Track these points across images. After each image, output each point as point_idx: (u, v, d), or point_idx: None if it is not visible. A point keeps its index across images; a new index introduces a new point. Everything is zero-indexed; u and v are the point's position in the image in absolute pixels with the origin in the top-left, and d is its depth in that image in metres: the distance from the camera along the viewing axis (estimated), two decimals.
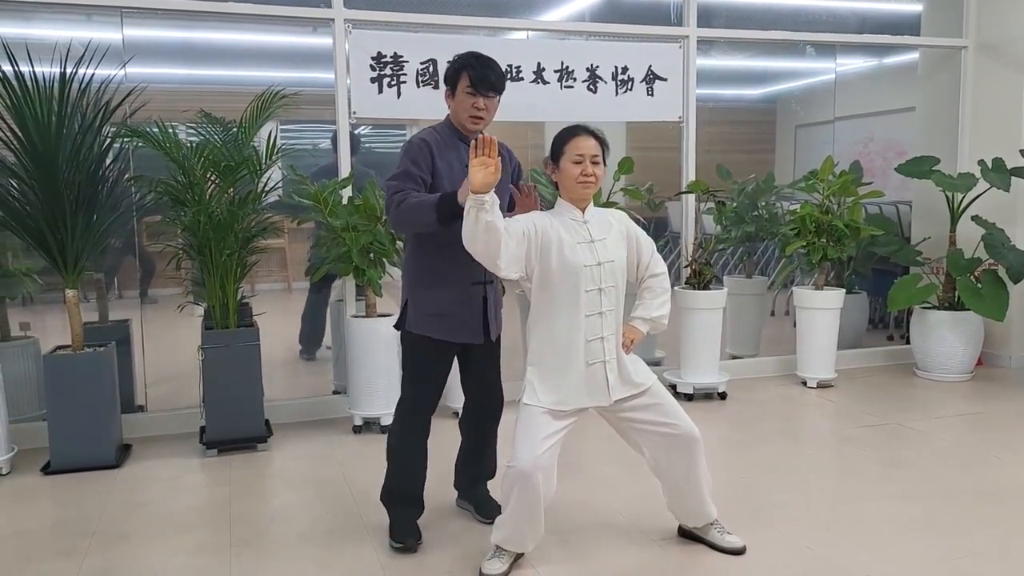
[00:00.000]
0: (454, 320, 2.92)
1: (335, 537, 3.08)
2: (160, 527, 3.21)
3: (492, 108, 2.91)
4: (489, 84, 2.86)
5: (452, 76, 2.90)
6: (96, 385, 3.83)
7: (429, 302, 2.91)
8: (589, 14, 5.53)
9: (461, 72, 2.87)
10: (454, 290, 2.90)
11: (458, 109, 2.90)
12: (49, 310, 4.54)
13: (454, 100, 2.91)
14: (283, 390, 4.85)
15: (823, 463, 3.93)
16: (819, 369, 5.19)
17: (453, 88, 2.90)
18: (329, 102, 4.54)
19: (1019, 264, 5.14)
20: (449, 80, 2.92)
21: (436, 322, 2.91)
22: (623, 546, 2.95)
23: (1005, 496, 3.41)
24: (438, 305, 2.91)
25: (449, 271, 2.88)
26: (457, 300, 2.91)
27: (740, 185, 5.87)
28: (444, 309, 2.91)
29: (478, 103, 2.86)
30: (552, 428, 2.63)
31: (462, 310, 2.92)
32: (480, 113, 2.87)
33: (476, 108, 2.86)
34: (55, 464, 3.80)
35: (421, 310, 2.92)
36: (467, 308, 2.93)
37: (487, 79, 2.85)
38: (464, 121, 2.89)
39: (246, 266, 4.19)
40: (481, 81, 2.84)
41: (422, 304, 2.93)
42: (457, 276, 2.88)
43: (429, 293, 2.92)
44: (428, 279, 2.92)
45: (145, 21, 4.44)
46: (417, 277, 2.95)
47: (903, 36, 6.08)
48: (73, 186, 3.78)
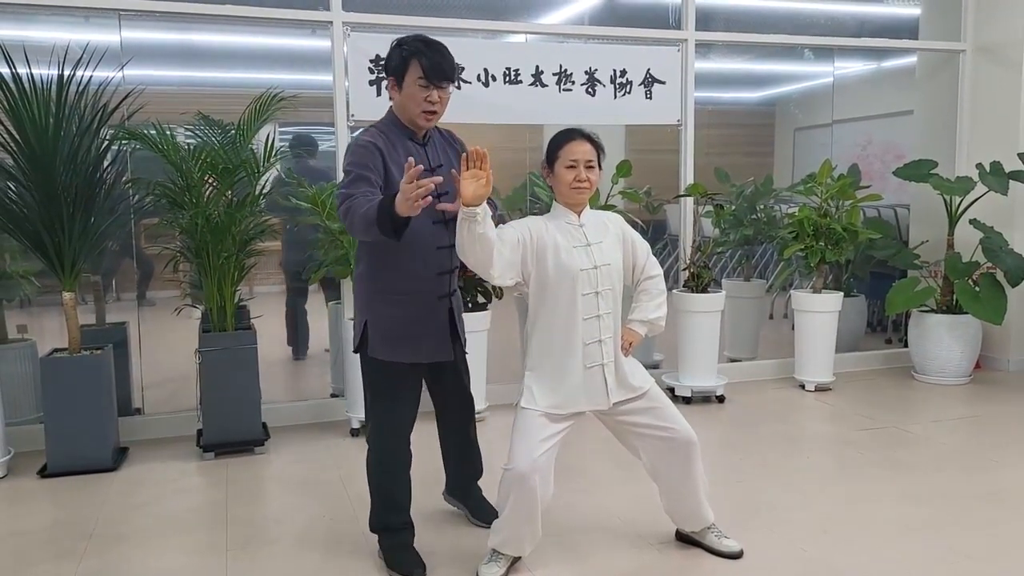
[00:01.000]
0: (421, 341, 2.69)
1: (332, 540, 3.08)
2: (157, 530, 3.20)
3: (445, 101, 2.61)
4: (443, 74, 2.56)
5: (399, 65, 2.57)
6: (93, 388, 3.82)
7: (391, 323, 2.65)
8: (588, 17, 5.53)
9: (410, 60, 2.54)
10: (418, 308, 2.66)
11: (407, 103, 2.58)
12: (46, 312, 4.53)
13: (401, 92, 2.59)
14: (281, 393, 4.85)
15: (821, 466, 3.92)
16: (817, 372, 5.19)
17: (400, 78, 2.57)
18: (328, 104, 4.53)
19: (1017, 268, 5.15)
20: (395, 69, 2.58)
21: (402, 345, 2.66)
22: (620, 550, 2.95)
23: (1003, 499, 3.41)
24: (402, 326, 2.65)
25: (412, 288, 2.65)
26: (423, 319, 2.68)
27: (738, 188, 5.87)
28: (410, 330, 2.66)
29: (431, 96, 2.56)
30: (550, 431, 2.63)
31: (429, 329, 2.70)
32: (434, 107, 2.58)
33: (429, 102, 2.56)
34: (52, 467, 3.79)
35: (383, 333, 2.65)
36: (434, 326, 2.71)
37: (440, 68, 2.55)
38: (415, 117, 2.60)
39: (244, 269, 4.19)
40: (434, 70, 2.53)
41: (383, 325, 2.65)
42: (420, 293, 2.66)
43: (390, 313, 2.65)
44: (389, 297, 2.65)
45: (143, 23, 4.43)
46: (375, 295, 2.67)
47: (901, 40, 6.09)
48: (70, 188, 3.78)
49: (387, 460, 2.79)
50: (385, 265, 2.63)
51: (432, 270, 2.68)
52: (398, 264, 2.62)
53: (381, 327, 2.67)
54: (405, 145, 2.65)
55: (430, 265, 2.67)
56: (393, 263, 2.62)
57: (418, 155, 2.61)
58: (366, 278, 2.70)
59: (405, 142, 2.66)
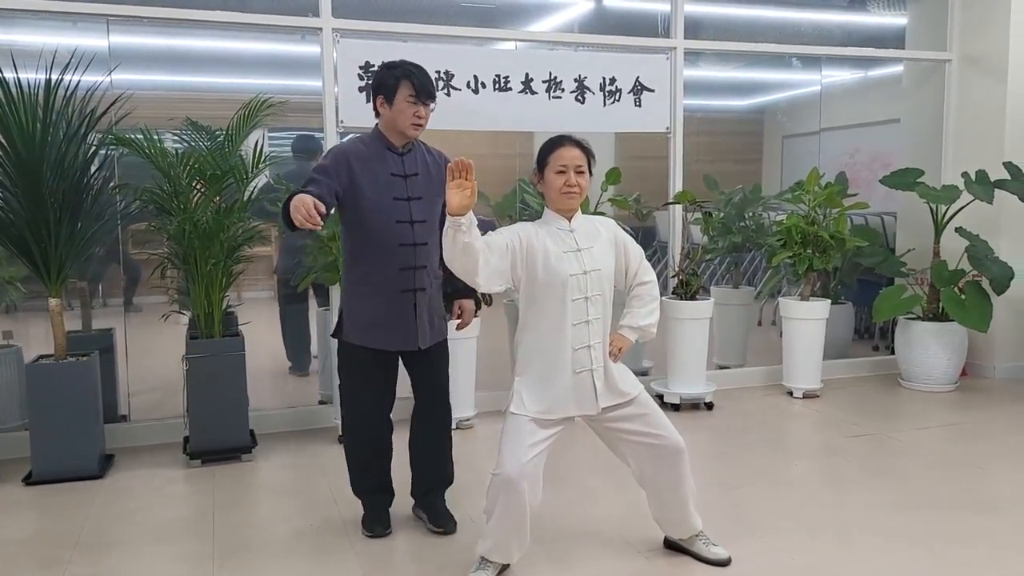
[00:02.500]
0: (385, 329, 2.99)
1: (319, 547, 3.06)
2: (143, 538, 3.17)
3: (428, 116, 3.00)
4: (429, 93, 2.95)
5: (391, 85, 2.94)
6: (79, 395, 3.79)
7: (362, 312, 3.00)
8: (577, 25, 5.55)
9: (401, 81, 2.92)
10: (384, 299, 2.97)
11: (397, 118, 2.95)
12: (32, 318, 4.50)
13: (391, 108, 2.95)
14: (268, 400, 4.83)
15: (809, 473, 3.93)
16: (805, 379, 5.20)
17: (391, 96, 2.94)
18: (317, 110, 4.53)
19: (1002, 276, 5.18)
20: (385, 88, 2.95)
21: (369, 331, 2.99)
22: (609, 557, 2.95)
23: (989, 506, 3.43)
24: (370, 314, 2.98)
25: (380, 280, 2.96)
26: (387, 309, 2.97)
27: (727, 195, 5.89)
28: (376, 318, 2.98)
29: (419, 111, 2.94)
30: (538, 436, 2.63)
31: (393, 319, 2.98)
32: (421, 121, 2.96)
33: (417, 116, 2.94)
34: (37, 474, 3.75)
35: (355, 320, 3.01)
36: (397, 317, 2.99)
37: (427, 89, 2.95)
38: (405, 128, 2.95)
39: (231, 275, 4.17)
40: (424, 91, 2.93)
41: (356, 314, 3.01)
42: (386, 286, 2.96)
43: (361, 303, 3.00)
44: (362, 289, 3.00)
45: (131, 28, 4.42)
46: (351, 287, 3.03)
47: (888, 49, 6.14)
48: (57, 194, 3.75)
49: (353, 436, 3.14)
50: (357, 260, 3.01)
51: (395, 265, 2.97)
52: (367, 259, 2.98)
53: (353, 315, 3.02)
54: (383, 155, 3.00)
55: (393, 261, 2.97)
56: (363, 258, 2.99)
57: (395, 163, 3.01)
58: (345, 271, 3.08)
59: (384, 152, 3.00)
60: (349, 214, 2.98)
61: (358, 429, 3.12)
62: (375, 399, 3.09)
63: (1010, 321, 5.62)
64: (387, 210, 2.94)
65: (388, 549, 3.06)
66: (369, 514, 3.18)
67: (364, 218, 2.95)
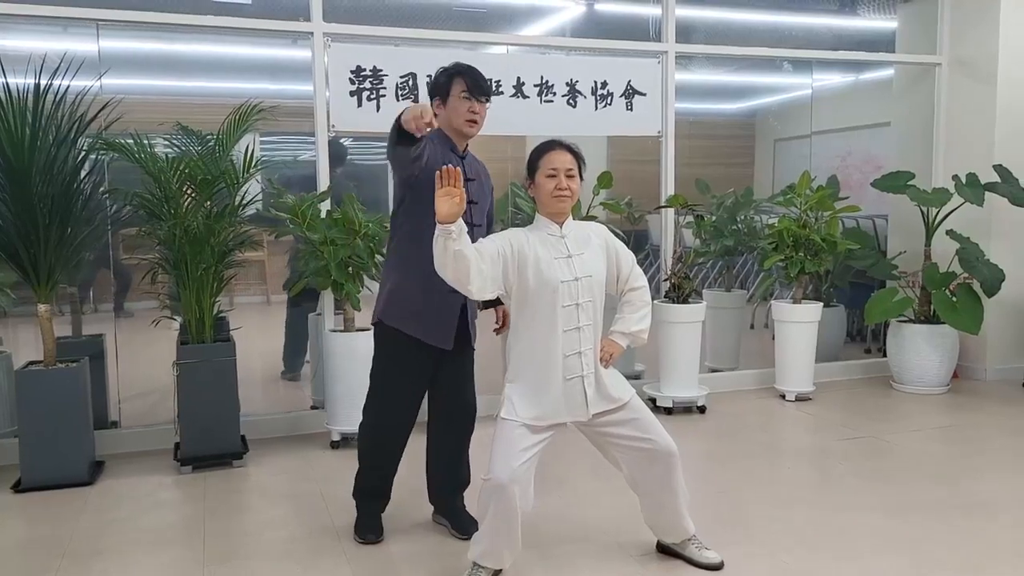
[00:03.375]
0: (429, 321, 2.95)
1: (311, 554, 3.05)
2: (133, 545, 3.15)
3: (484, 113, 2.99)
4: (483, 90, 2.97)
5: (444, 84, 2.97)
6: (68, 401, 3.77)
7: (412, 300, 2.94)
8: (569, 29, 5.56)
9: (454, 79, 2.95)
10: (433, 291, 2.87)
11: (452, 115, 2.95)
12: (22, 324, 4.48)
13: (447, 107, 2.96)
14: (260, 405, 4.81)
15: (801, 477, 3.94)
16: (797, 382, 5.21)
17: (445, 96, 2.97)
18: (308, 114, 4.52)
19: (993, 278, 5.21)
20: (440, 89, 2.98)
21: (413, 319, 2.95)
22: (601, 562, 2.94)
23: (982, 508, 3.44)
24: (420, 303, 2.93)
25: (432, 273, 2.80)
26: (435, 302, 2.93)
27: (719, 199, 5.90)
28: (425, 309, 2.94)
29: (474, 107, 2.95)
30: (529, 441, 2.62)
31: (439, 314, 2.95)
32: (476, 117, 2.95)
33: (472, 112, 2.94)
34: (26, 482, 3.73)
35: (402, 306, 2.97)
36: (446, 314, 2.96)
37: (480, 85, 2.97)
38: (460, 126, 2.95)
39: (222, 280, 4.15)
40: (476, 86, 2.95)
41: (401, 295, 2.96)
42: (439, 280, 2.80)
43: (411, 286, 2.94)
44: (414, 273, 2.91)
45: (122, 33, 4.41)
46: (402, 271, 2.97)
47: (878, 52, 6.16)
48: (47, 199, 3.73)
49: (375, 430, 3.07)
50: (417, 244, 2.85)
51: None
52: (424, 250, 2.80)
53: (398, 296, 2.98)
54: (447, 154, 2.97)
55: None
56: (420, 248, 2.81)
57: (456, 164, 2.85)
58: (397, 254, 3.02)
59: (447, 151, 2.98)
60: (420, 196, 2.82)
61: (385, 419, 3.04)
62: (407, 394, 3.04)
63: (1001, 323, 5.65)
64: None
65: (381, 555, 3.04)
66: (363, 519, 3.16)
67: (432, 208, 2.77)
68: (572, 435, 2.85)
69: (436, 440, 3.18)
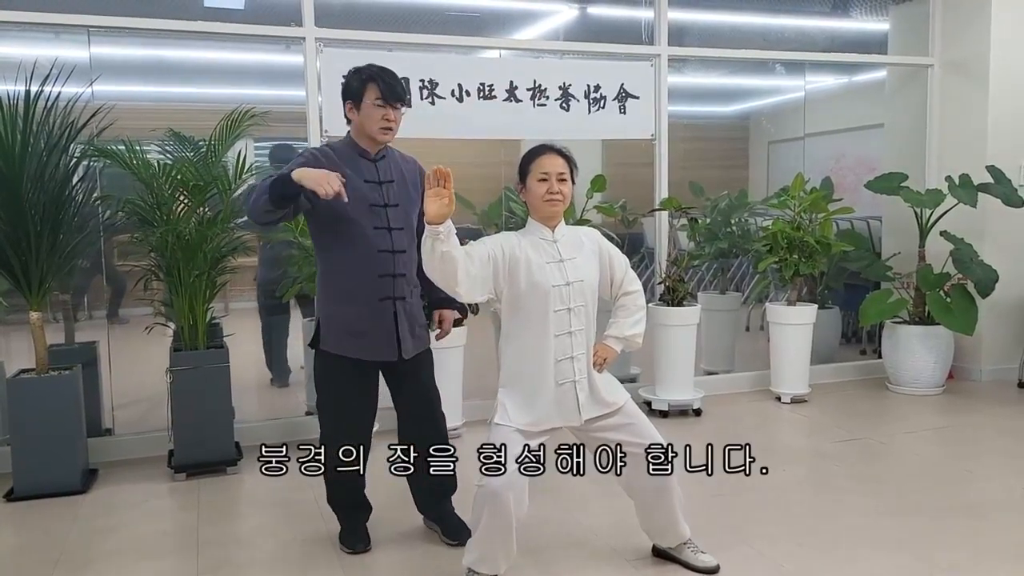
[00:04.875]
0: (366, 338, 2.91)
1: (305, 561, 3.04)
2: (127, 553, 3.14)
3: (399, 120, 2.93)
4: (397, 96, 2.89)
5: (357, 89, 2.88)
6: (61, 409, 3.75)
7: (341, 320, 2.91)
8: (562, 33, 5.56)
9: (368, 84, 2.86)
10: (363, 307, 2.89)
11: (365, 122, 2.88)
12: (14, 332, 4.46)
13: (360, 113, 2.89)
14: (254, 411, 4.79)
15: (797, 479, 3.93)
16: (793, 384, 5.21)
17: (358, 101, 2.88)
18: (301, 120, 4.51)
19: (987, 279, 5.21)
20: (353, 93, 2.90)
21: (349, 340, 2.91)
22: (597, 566, 2.93)
23: (978, 509, 3.43)
24: (349, 323, 2.90)
25: (356, 288, 2.88)
26: (367, 317, 2.90)
27: (713, 201, 5.91)
28: (355, 327, 2.90)
29: (388, 114, 2.88)
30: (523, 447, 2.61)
31: (373, 328, 2.91)
32: (390, 124, 2.89)
33: (387, 119, 2.88)
34: (19, 490, 3.71)
35: (334, 329, 2.93)
36: (378, 325, 2.91)
37: (395, 91, 2.88)
38: (374, 133, 2.88)
39: (215, 286, 4.14)
40: (390, 93, 2.86)
41: (335, 322, 2.93)
42: (365, 293, 2.88)
43: (340, 310, 2.92)
44: (338, 296, 2.92)
45: (113, 39, 4.39)
46: (328, 295, 2.95)
47: (870, 54, 6.18)
48: (38, 206, 3.72)
49: (331, 449, 2.95)
50: (334, 267, 2.93)
51: (373, 272, 2.90)
52: (344, 266, 2.90)
53: (331, 323, 2.94)
54: (356, 162, 2.92)
55: (371, 268, 2.89)
56: (340, 265, 2.91)
57: (369, 170, 2.94)
58: (321, 279, 2.99)
59: (356, 159, 2.94)
60: (324, 219, 2.88)
61: (333, 444, 2.94)
62: (354, 413, 2.99)
63: (995, 324, 5.65)
64: (364, 216, 2.86)
65: (374, 562, 3.03)
66: (346, 529, 3.13)
67: (341, 224, 2.86)
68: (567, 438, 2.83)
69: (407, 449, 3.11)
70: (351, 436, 2.94)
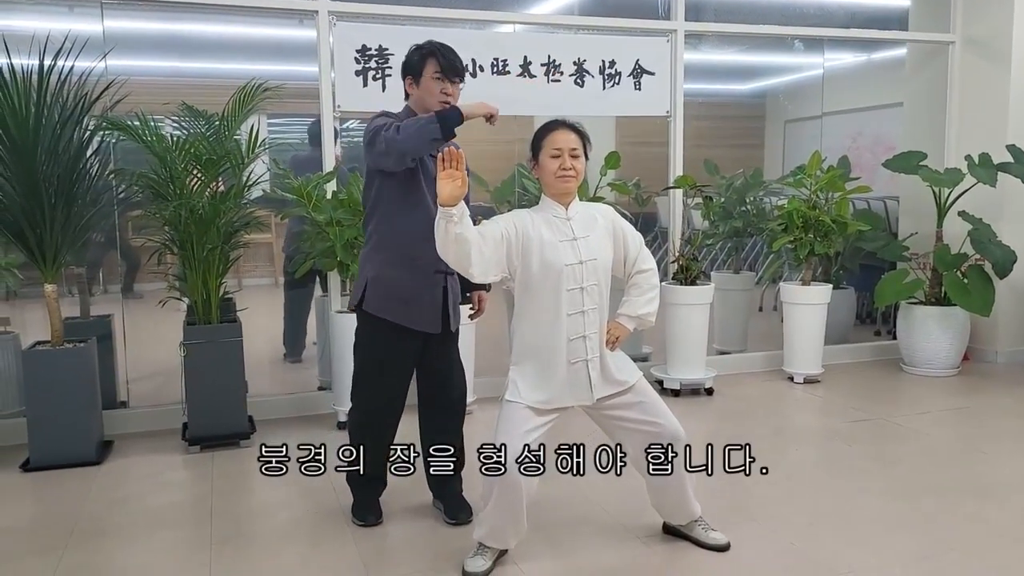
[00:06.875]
0: (412, 307, 2.93)
1: (317, 533, 3.06)
2: (140, 524, 3.17)
3: (456, 95, 2.94)
4: (456, 70, 2.92)
5: (417, 64, 2.92)
6: (76, 381, 3.78)
7: (390, 284, 2.92)
8: (577, 7, 5.50)
9: (428, 59, 2.90)
10: (420, 277, 2.91)
11: (424, 95, 2.91)
12: (29, 305, 4.49)
13: (419, 87, 2.93)
14: (267, 386, 4.82)
15: (809, 459, 3.92)
16: (806, 364, 5.18)
17: (417, 75, 2.93)
18: (314, 95, 4.49)
19: (1005, 259, 5.15)
20: (412, 68, 2.94)
21: (396, 306, 2.92)
22: (607, 543, 2.94)
23: (991, 491, 3.42)
24: (399, 288, 2.91)
25: (418, 257, 2.87)
26: (420, 287, 2.92)
27: (728, 180, 5.86)
28: (403, 293, 2.91)
29: (447, 88, 2.90)
30: (534, 423, 2.62)
31: (422, 298, 2.93)
32: (448, 98, 2.90)
33: (445, 93, 2.89)
34: (35, 461, 3.75)
35: (383, 292, 2.93)
36: (429, 296, 2.95)
37: (454, 65, 2.91)
38: (432, 106, 2.88)
39: (229, 261, 4.15)
40: (450, 67, 2.90)
41: (383, 283, 2.93)
42: (424, 263, 2.87)
43: (393, 273, 2.92)
44: (396, 261, 2.92)
45: (126, 12, 4.38)
46: (384, 259, 2.94)
47: (891, 31, 6.08)
48: (52, 179, 3.73)
49: (363, 417, 3.04)
50: (397, 232, 2.92)
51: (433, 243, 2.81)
52: (408, 233, 2.89)
53: (380, 284, 2.93)
54: None
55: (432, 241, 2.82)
56: (405, 232, 2.90)
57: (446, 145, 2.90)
58: (378, 243, 2.96)
59: None
60: (397, 183, 2.88)
61: (373, 406, 3.02)
62: (394, 381, 3.01)
63: (1012, 305, 5.59)
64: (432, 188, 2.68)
65: (386, 535, 3.05)
66: (359, 502, 3.15)
67: (412, 193, 2.89)
68: (577, 416, 2.83)
69: (428, 426, 3.16)
70: (385, 402, 3.00)
